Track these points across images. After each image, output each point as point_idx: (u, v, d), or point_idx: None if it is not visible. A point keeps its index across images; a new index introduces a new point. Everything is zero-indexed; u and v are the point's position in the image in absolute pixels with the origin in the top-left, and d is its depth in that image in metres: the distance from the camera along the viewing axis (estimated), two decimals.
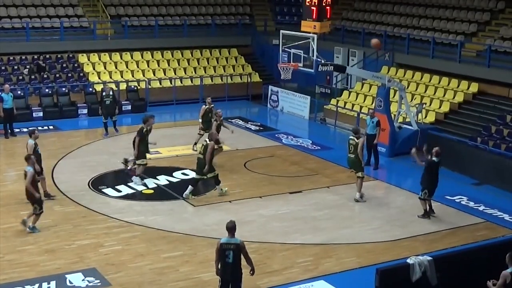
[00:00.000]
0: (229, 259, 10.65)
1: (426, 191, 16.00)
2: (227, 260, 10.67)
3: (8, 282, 12.43)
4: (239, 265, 10.80)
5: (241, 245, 10.71)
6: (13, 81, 26.55)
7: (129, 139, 22.87)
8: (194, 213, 16.29)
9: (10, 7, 29.30)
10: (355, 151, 17.04)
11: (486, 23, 27.10)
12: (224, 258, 10.68)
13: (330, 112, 26.26)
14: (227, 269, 10.73)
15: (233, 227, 10.73)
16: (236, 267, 10.74)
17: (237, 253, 10.67)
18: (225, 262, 10.70)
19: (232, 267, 10.70)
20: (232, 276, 10.77)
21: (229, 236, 10.72)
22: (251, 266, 10.91)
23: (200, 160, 17.03)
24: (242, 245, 10.72)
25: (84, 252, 13.79)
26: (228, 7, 34.29)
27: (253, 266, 10.95)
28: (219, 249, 10.70)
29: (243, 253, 10.76)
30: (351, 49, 29.75)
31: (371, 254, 14.20)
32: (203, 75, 29.82)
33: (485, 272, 11.04)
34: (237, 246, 10.66)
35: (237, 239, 10.73)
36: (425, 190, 16.00)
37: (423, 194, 16.06)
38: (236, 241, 10.69)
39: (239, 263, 10.79)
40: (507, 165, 18.82)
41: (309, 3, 21.70)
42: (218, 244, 10.76)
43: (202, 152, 16.96)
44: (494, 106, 23.56)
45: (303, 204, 17.07)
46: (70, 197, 16.95)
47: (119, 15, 31.36)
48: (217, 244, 10.81)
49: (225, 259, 10.68)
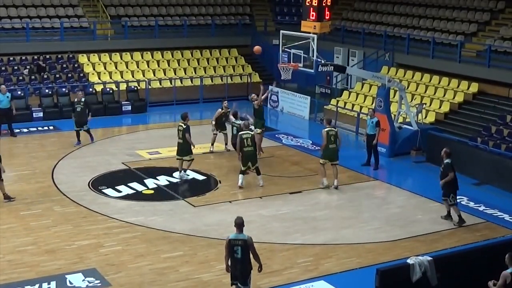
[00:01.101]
0: (237, 254, 10.85)
1: (453, 195, 15.63)
2: (236, 256, 10.87)
3: (8, 282, 12.43)
4: (248, 261, 10.98)
5: (249, 241, 10.89)
6: (13, 82, 26.55)
7: (129, 139, 23.03)
8: (194, 213, 16.29)
9: (10, 8, 29.30)
10: (336, 140, 17.90)
11: (486, 23, 27.10)
12: (233, 253, 10.88)
13: (330, 112, 26.23)
14: (236, 264, 10.93)
15: (241, 223, 10.92)
16: (244, 262, 10.93)
17: (245, 248, 10.85)
18: (234, 258, 10.90)
19: (241, 263, 10.89)
20: (241, 272, 10.96)
21: (237, 232, 10.90)
22: (259, 263, 11.07)
23: (250, 151, 17.64)
24: (250, 241, 10.90)
25: (84, 253, 13.80)
26: (228, 7, 34.30)
27: (261, 263, 11.11)
28: (228, 245, 10.90)
29: (251, 249, 10.93)
30: (351, 49, 29.75)
31: (371, 254, 14.20)
32: (203, 75, 29.83)
33: (485, 272, 11.04)
34: (245, 242, 10.84)
35: (245, 235, 10.91)
36: (451, 194, 15.61)
37: (451, 199, 15.65)
38: (244, 237, 10.87)
39: (248, 259, 10.96)
40: (507, 165, 18.82)
41: (309, 3, 21.67)
42: (226, 240, 10.95)
43: (251, 144, 17.63)
44: (494, 106, 23.55)
45: (303, 204, 17.07)
46: (70, 197, 16.95)
47: (119, 15, 31.36)
48: (226, 240, 10.98)
49: (234, 255, 10.88)
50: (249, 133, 17.79)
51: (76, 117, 21.61)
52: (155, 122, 26.11)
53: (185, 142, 18.33)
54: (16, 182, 17.80)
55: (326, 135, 17.90)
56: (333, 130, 18.00)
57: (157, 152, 21.04)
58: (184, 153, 18.44)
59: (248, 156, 17.70)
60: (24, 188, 17.57)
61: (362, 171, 20.01)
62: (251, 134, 17.85)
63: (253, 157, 17.87)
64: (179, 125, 18.51)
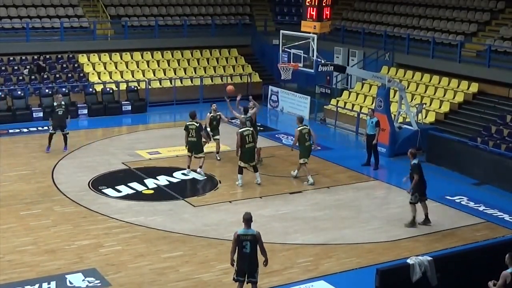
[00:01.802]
0: (246, 249, 11.01)
1: (416, 195, 15.53)
2: (244, 251, 11.02)
3: (8, 282, 12.43)
4: (256, 255, 11.16)
5: (258, 236, 11.09)
6: (13, 82, 26.56)
7: (129, 139, 23.02)
8: (194, 213, 16.29)
9: (10, 7, 29.30)
10: (310, 138, 18.25)
11: (486, 23, 27.10)
12: (242, 248, 11.03)
13: (330, 112, 26.26)
14: (245, 259, 11.07)
15: (250, 219, 11.11)
16: (253, 257, 11.11)
17: (254, 243, 11.04)
18: (243, 253, 11.05)
19: (250, 257, 11.06)
20: (250, 266, 11.11)
21: (245, 227, 11.07)
22: (265, 257, 11.24)
23: (251, 148, 17.83)
24: (258, 236, 11.10)
25: (84, 253, 13.79)
26: (228, 7, 34.29)
27: (267, 258, 11.28)
28: (236, 240, 11.03)
29: (259, 244, 11.11)
30: (351, 49, 29.76)
31: (371, 254, 14.20)
32: (203, 75, 29.83)
33: (485, 272, 11.04)
34: (254, 237, 11.03)
35: (254, 230, 11.10)
36: (416, 194, 15.54)
37: (413, 198, 15.58)
38: (253, 232, 11.07)
39: (256, 254, 11.15)
40: (507, 165, 18.82)
41: (309, 3, 21.67)
42: (235, 235, 11.08)
43: (253, 140, 17.83)
44: (494, 106, 23.56)
45: (303, 204, 17.08)
46: (70, 197, 16.95)
47: (119, 15, 31.36)
48: (234, 235, 11.11)
49: (243, 250, 11.03)
50: (249, 130, 17.91)
51: (56, 120, 20.59)
52: (155, 122, 26.11)
53: (199, 140, 18.62)
54: (16, 182, 17.80)
55: (300, 133, 18.28)
56: (306, 128, 18.43)
57: (157, 152, 21.04)
58: (198, 150, 18.74)
59: (249, 153, 17.83)
60: (24, 188, 17.57)
61: (362, 171, 20.02)
62: (251, 130, 17.96)
63: (253, 154, 18.06)
64: (190, 124, 18.57)
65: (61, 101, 21.01)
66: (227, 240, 14.53)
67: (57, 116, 20.58)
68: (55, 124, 20.63)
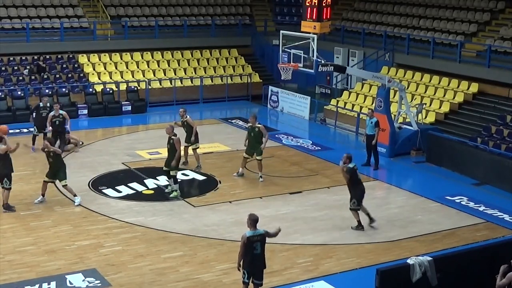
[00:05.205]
0: (257, 250, 11.05)
1: (354, 201, 15.20)
2: (255, 252, 11.06)
3: (8, 282, 12.42)
4: (264, 255, 11.22)
5: (265, 234, 11.16)
6: (13, 82, 26.55)
7: (128, 139, 23.02)
8: (194, 213, 16.29)
9: (10, 8, 29.29)
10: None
11: (486, 23, 27.11)
12: (252, 250, 11.02)
13: (330, 112, 26.26)
14: (256, 260, 11.11)
15: (257, 220, 11.12)
16: (263, 257, 11.18)
17: (263, 243, 11.11)
18: (254, 254, 11.06)
19: (259, 258, 11.13)
20: (259, 267, 11.20)
21: (252, 228, 11.05)
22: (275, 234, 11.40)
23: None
24: (266, 234, 11.17)
25: (84, 253, 13.79)
26: (228, 7, 34.29)
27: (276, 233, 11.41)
28: (247, 243, 10.98)
29: (268, 238, 11.21)
30: (351, 49, 29.76)
31: (371, 254, 14.20)
32: (203, 75, 29.82)
33: (485, 272, 11.05)
34: (262, 236, 11.10)
35: (261, 230, 11.12)
36: (354, 200, 15.20)
37: (351, 204, 15.26)
38: (261, 232, 11.12)
39: (264, 253, 11.21)
40: (507, 165, 18.81)
41: (309, 3, 21.67)
42: (244, 238, 11.00)
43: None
44: (494, 106, 23.56)
45: (303, 205, 17.07)
46: (70, 197, 16.94)
47: (119, 15, 31.36)
48: (242, 238, 11.03)
49: (253, 251, 11.04)
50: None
51: (39, 122, 20.77)
52: (155, 122, 26.10)
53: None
54: (16, 182, 17.74)
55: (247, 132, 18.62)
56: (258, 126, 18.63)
57: (157, 152, 21.02)
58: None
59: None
60: (24, 188, 17.58)
61: (362, 171, 19.85)
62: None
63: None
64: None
65: (46, 103, 21.23)
66: (227, 240, 14.57)
67: (41, 118, 20.82)
68: (38, 126, 20.89)
